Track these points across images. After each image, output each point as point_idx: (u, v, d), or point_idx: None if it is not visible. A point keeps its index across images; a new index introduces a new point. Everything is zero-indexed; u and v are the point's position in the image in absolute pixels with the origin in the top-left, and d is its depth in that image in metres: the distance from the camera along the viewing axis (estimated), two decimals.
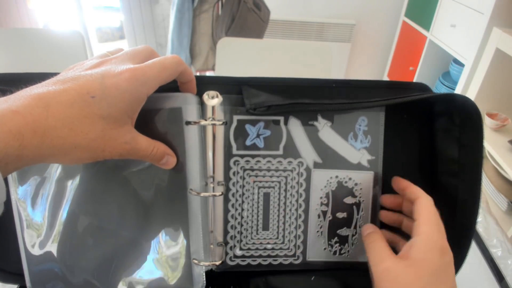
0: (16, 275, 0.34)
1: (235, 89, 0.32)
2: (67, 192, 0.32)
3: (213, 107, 0.31)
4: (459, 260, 0.33)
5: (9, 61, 1.18)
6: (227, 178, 0.33)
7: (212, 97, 0.31)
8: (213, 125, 0.31)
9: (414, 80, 1.82)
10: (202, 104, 0.31)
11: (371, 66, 2.26)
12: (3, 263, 0.35)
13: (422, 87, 0.34)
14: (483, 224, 0.57)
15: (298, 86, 0.33)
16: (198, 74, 1.41)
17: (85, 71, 0.24)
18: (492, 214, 0.59)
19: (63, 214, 0.32)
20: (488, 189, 1.24)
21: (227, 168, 0.33)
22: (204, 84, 0.32)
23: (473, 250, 0.51)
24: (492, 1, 1.24)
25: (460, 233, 0.32)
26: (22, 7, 1.57)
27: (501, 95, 1.32)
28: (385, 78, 2.20)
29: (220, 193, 0.32)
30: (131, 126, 0.26)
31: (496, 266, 0.50)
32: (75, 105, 0.22)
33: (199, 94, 0.31)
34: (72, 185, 0.32)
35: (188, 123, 0.30)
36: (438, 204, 0.33)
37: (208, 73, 1.50)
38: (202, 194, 0.31)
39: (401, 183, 0.32)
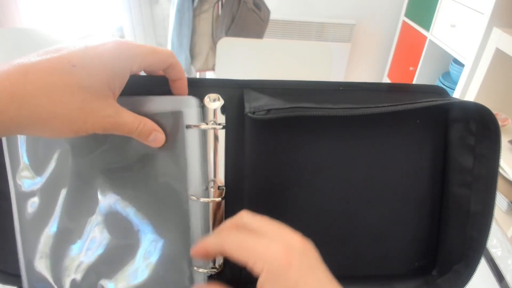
0: (16, 277, 0.34)
1: (237, 92, 0.32)
2: (60, 195, 0.32)
3: (214, 110, 0.31)
4: (467, 275, 0.31)
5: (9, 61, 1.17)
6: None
7: (214, 100, 0.31)
8: (214, 128, 0.31)
9: (414, 80, 1.82)
10: (203, 107, 0.31)
11: (371, 66, 2.26)
12: (3, 264, 0.35)
13: (437, 90, 0.33)
14: None
15: (302, 89, 0.32)
16: (198, 74, 1.41)
17: (70, 43, 0.23)
18: None
19: (57, 213, 0.32)
20: None
21: (228, 172, 0.32)
22: (205, 86, 0.32)
23: None
24: (492, 1, 1.24)
25: (470, 246, 0.31)
26: (22, 7, 1.57)
27: (501, 95, 1.32)
28: (385, 78, 2.19)
29: (220, 198, 0.32)
30: (114, 100, 0.25)
31: (496, 266, 0.50)
32: (55, 73, 0.21)
33: (201, 97, 0.31)
34: (65, 187, 0.32)
35: (188, 126, 0.30)
36: (448, 215, 0.32)
37: (208, 73, 1.50)
38: (202, 200, 0.31)
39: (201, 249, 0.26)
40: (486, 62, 1.26)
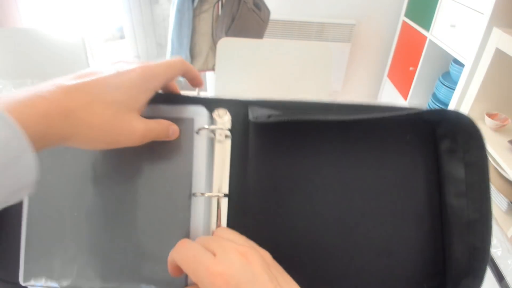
0: (15, 284, 0.34)
1: (242, 110, 0.35)
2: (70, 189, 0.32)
3: (223, 124, 0.33)
4: (476, 285, 0.31)
5: (9, 61, 1.18)
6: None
7: (222, 115, 0.34)
8: (221, 129, 0.33)
9: (414, 80, 1.82)
10: (212, 120, 0.33)
11: (371, 66, 2.26)
12: (3, 271, 0.35)
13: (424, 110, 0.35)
14: None
15: (301, 107, 0.34)
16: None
17: (103, 67, 0.28)
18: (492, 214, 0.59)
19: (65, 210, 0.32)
20: None
21: (232, 177, 0.33)
22: (213, 103, 0.34)
23: None
24: (492, 1, 1.24)
25: (474, 256, 0.31)
26: (22, 7, 1.57)
27: (501, 95, 1.32)
28: (385, 78, 2.20)
29: (223, 194, 0.33)
30: (139, 114, 0.29)
31: (496, 266, 0.50)
32: (93, 92, 0.26)
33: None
34: (70, 183, 0.32)
35: (198, 132, 0.32)
36: (449, 228, 0.33)
37: (208, 73, 1.50)
38: (207, 195, 0.32)
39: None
40: (486, 62, 1.26)
